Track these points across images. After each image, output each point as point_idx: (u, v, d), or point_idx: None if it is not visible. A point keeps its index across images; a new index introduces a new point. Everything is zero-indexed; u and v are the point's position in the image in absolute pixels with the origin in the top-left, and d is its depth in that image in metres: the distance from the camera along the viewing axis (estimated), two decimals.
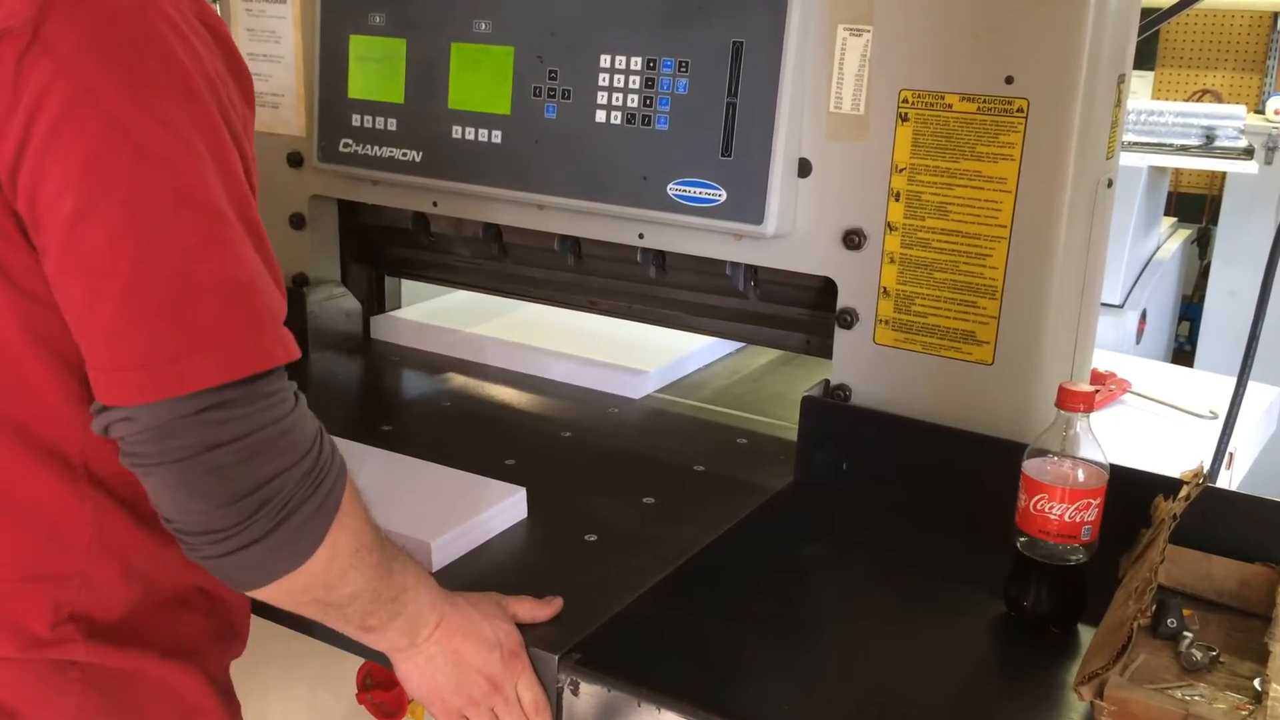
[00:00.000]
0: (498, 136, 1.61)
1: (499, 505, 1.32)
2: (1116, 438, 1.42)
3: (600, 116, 1.52)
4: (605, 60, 1.51)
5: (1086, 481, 1.11)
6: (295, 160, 1.84)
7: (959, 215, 1.36)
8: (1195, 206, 4.89)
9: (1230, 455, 1.67)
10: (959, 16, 1.32)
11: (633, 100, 1.50)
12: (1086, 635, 1.14)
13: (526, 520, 1.35)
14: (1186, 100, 4.91)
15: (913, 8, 1.34)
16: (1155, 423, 1.91)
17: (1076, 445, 1.11)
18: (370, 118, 1.71)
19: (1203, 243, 4.52)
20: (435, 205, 1.74)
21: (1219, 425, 1.43)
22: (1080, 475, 1.11)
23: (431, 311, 2.08)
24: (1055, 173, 1.30)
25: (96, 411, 0.87)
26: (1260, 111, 4.46)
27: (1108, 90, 1.34)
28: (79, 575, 0.95)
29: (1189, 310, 4.43)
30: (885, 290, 1.42)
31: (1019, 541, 1.15)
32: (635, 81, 1.50)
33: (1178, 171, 4.52)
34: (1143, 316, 3.41)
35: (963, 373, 1.39)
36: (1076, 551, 1.12)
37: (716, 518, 1.36)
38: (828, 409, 1.46)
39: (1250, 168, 3.65)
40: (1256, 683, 1.01)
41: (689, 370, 1.90)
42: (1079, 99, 1.28)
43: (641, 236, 1.57)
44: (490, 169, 1.62)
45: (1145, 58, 4.72)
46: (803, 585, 1.27)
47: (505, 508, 1.33)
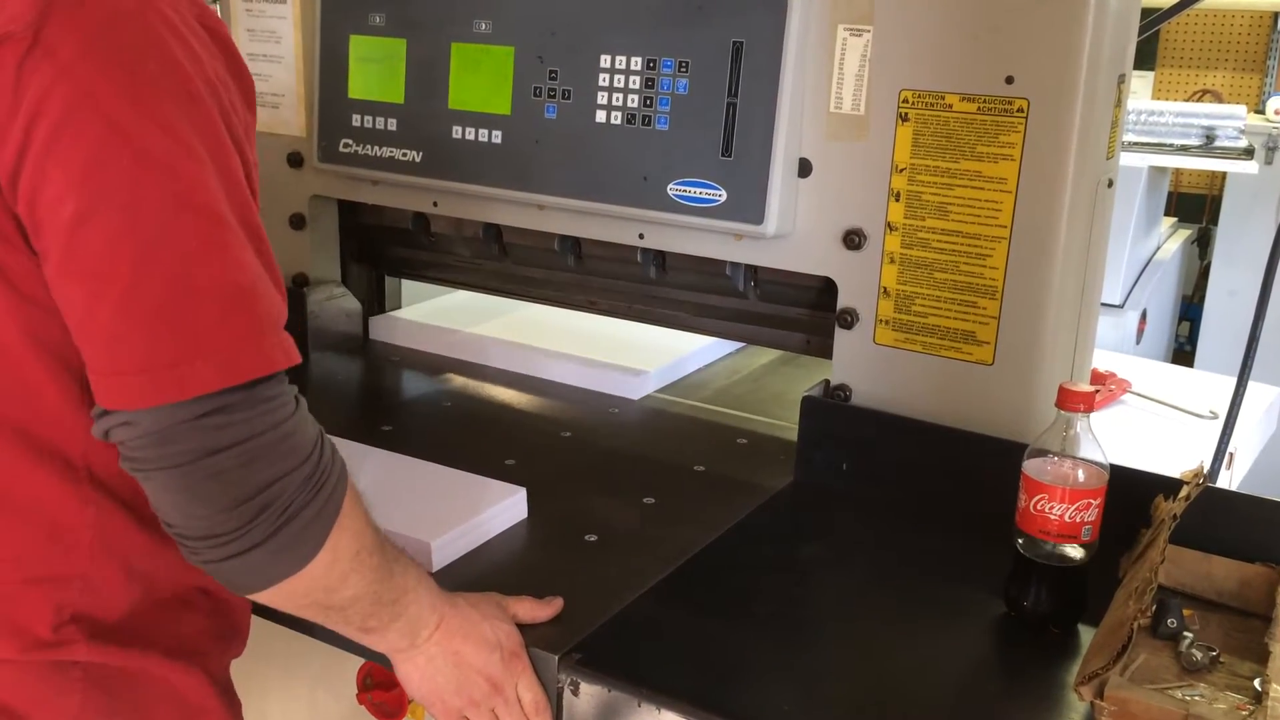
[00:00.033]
0: (498, 136, 1.61)
1: (499, 505, 1.32)
2: (1117, 438, 1.42)
3: (600, 116, 1.52)
4: (605, 60, 1.51)
5: (1087, 481, 1.11)
6: (295, 160, 1.84)
7: (959, 215, 1.36)
8: (1195, 206, 4.89)
9: (1230, 455, 1.67)
10: (959, 16, 1.32)
11: (633, 100, 1.50)
12: (1087, 635, 1.14)
13: (527, 520, 1.35)
14: (1187, 100, 4.91)
15: (913, 8, 1.34)
16: (1155, 423, 1.91)
17: (1077, 445, 1.11)
18: (370, 118, 1.71)
19: (1203, 243, 4.52)
20: (435, 205, 1.74)
21: (1219, 425, 1.43)
22: (1080, 475, 1.11)
23: (431, 312, 2.08)
24: (1055, 173, 1.30)
25: (97, 416, 0.87)
26: (1260, 111, 4.46)
27: (1108, 90, 1.34)
28: (81, 577, 0.95)
29: (1189, 310, 4.43)
30: (885, 290, 1.42)
31: (1019, 541, 1.15)
32: (635, 81, 1.50)
33: (1178, 171, 4.52)
34: (1143, 316, 3.40)
35: (963, 373, 1.39)
36: (1076, 551, 1.12)
37: (716, 518, 1.36)
38: (828, 409, 1.46)
39: (1250, 168, 3.65)
40: (1257, 683, 1.01)
41: (689, 370, 1.90)
42: (1079, 99, 1.28)
43: (642, 236, 1.57)
44: (490, 169, 1.62)
45: (1145, 58, 4.72)
46: (803, 585, 1.27)
47: (505, 508, 1.33)
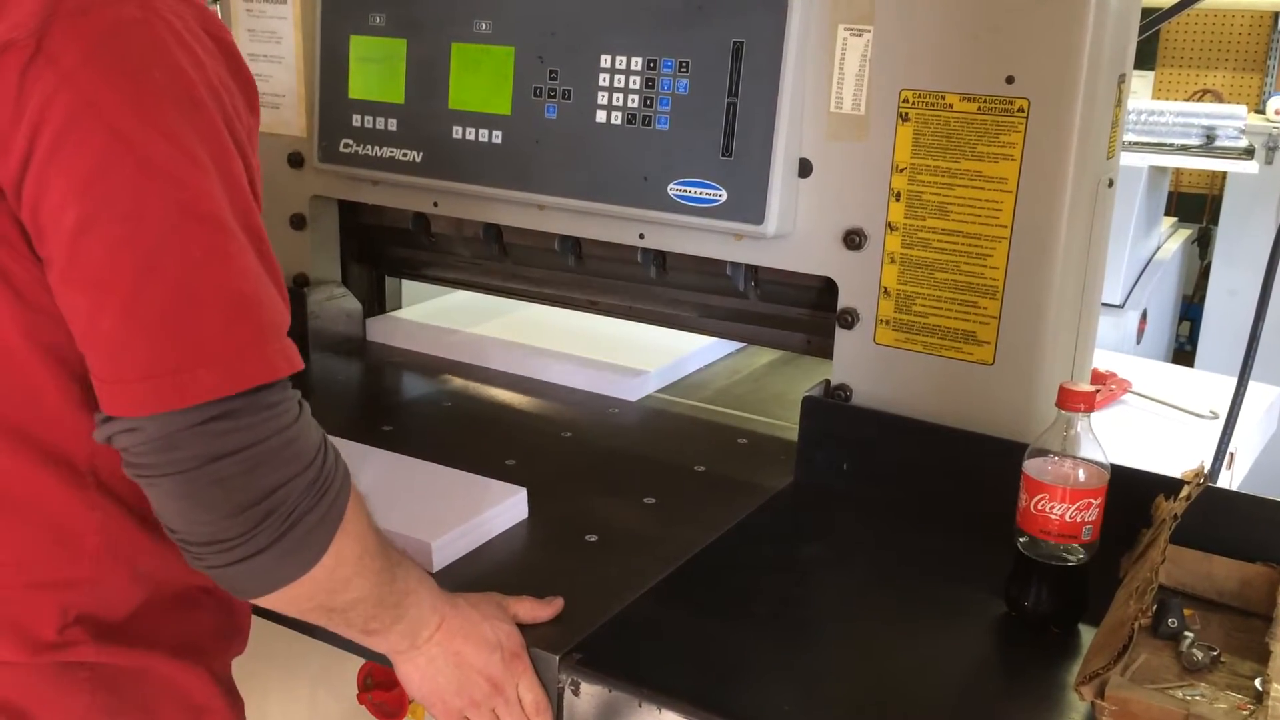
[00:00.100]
0: (498, 137, 1.61)
1: (499, 505, 1.32)
2: (1117, 438, 1.42)
3: (601, 117, 1.52)
4: (606, 60, 1.51)
5: (1087, 481, 1.11)
6: (296, 160, 1.84)
7: (959, 215, 1.36)
8: (1196, 206, 4.89)
9: (1231, 455, 1.66)
10: (959, 16, 1.32)
11: (633, 100, 1.50)
12: (1087, 635, 1.14)
13: (527, 520, 1.35)
14: (1187, 100, 4.91)
15: (913, 8, 1.34)
16: (1156, 423, 1.91)
17: (1077, 445, 1.11)
18: (371, 118, 1.71)
19: (1203, 243, 4.52)
20: (436, 205, 1.74)
21: (1220, 425, 1.43)
22: (1081, 475, 1.11)
23: (431, 312, 2.09)
24: (1056, 173, 1.30)
25: (100, 421, 0.87)
26: (1261, 111, 4.46)
27: (1108, 90, 1.34)
28: (87, 580, 0.95)
29: (1189, 310, 4.43)
30: (886, 290, 1.42)
31: (1020, 541, 1.15)
32: (636, 82, 1.50)
33: (1178, 171, 4.52)
34: (1143, 316, 3.41)
35: (963, 373, 1.39)
36: (1077, 551, 1.12)
37: (717, 518, 1.36)
38: (828, 409, 1.46)
39: (1251, 168, 3.65)
40: (1257, 683, 1.01)
41: (689, 370, 1.90)
42: (1079, 99, 1.28)
43: (642, 237, 1.57)
44: (491, 169, 1.62)
45: (1146, 58, 4.72)
46: (803, 585, 1.27)
47: (506, 508, 1.33)
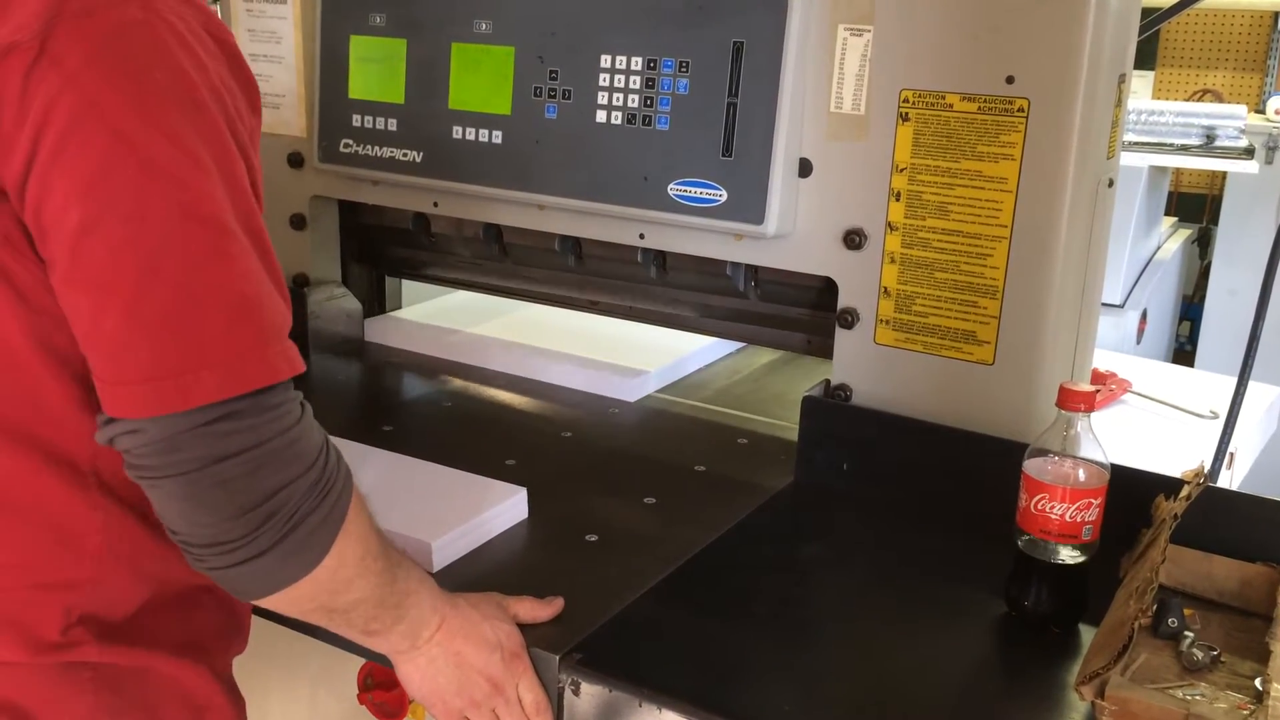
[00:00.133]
0: (498, 137, 1.61)
1: (500, 505, 1.32)
2: (1117, 437, 1.42)
3: (601, 117, 1.52)
4: (606, 60, 1.51)
5: (1087, 481, 1.11)
6: (296, 160, 1.84)
7: (960, 215, 1.36)
8: (1196, 206, 4.89)
9: (1231, 455, 1.66)
10: (959, 16, 1.32)
11: (633, 100, 1.50)
12: (1087, 635, 1.14)
13: (527, 520, 1.35)
14: (1187, 100, 4.91)
15: (913, 8, 1.34)
16: (1156, 423, 1.91)
17: (1077, 445, 1.11)
18: (371, 118, 1.71)
19: (1203, 242, 4.52)
20: (436, 205, 1.74)
21: (1220, 425, 1.43)
22: (1081, 475, 1.11)
23: (431, 312, 2.09)
24: (1056, 172, 1.30)
25: (102, 423, 0.87)
26: (1261, 111, 4.46)
27: (1108, 90, 1.34)
28: (90, 581, 0.95)
29: (1189, 310, 4.43)
30: (886, 290, 1.42)
31: (1020, 541, 1.15)
32: (636, 82, 1.50)
33: (1178, 171, 4.52)
34: (1143, 316, 3.41)
35: (963, 373, 1.39)
36: (1077, 551, 1.12)
37: (717, 518, 1.36)
38: (828, 409, 1.46)
39: (1251, 167, 3.65)
40: (1257, 682, 1.01)
41: (689, 370, 1.90)
42: (1079, 99, 1.28)
43: (642, 237, 1.57)
44: (491, 169, 1.62)
45: (1145, 58, 4.72)
46: (803, 585, 1.27)
47: (506, 508, 1.33)
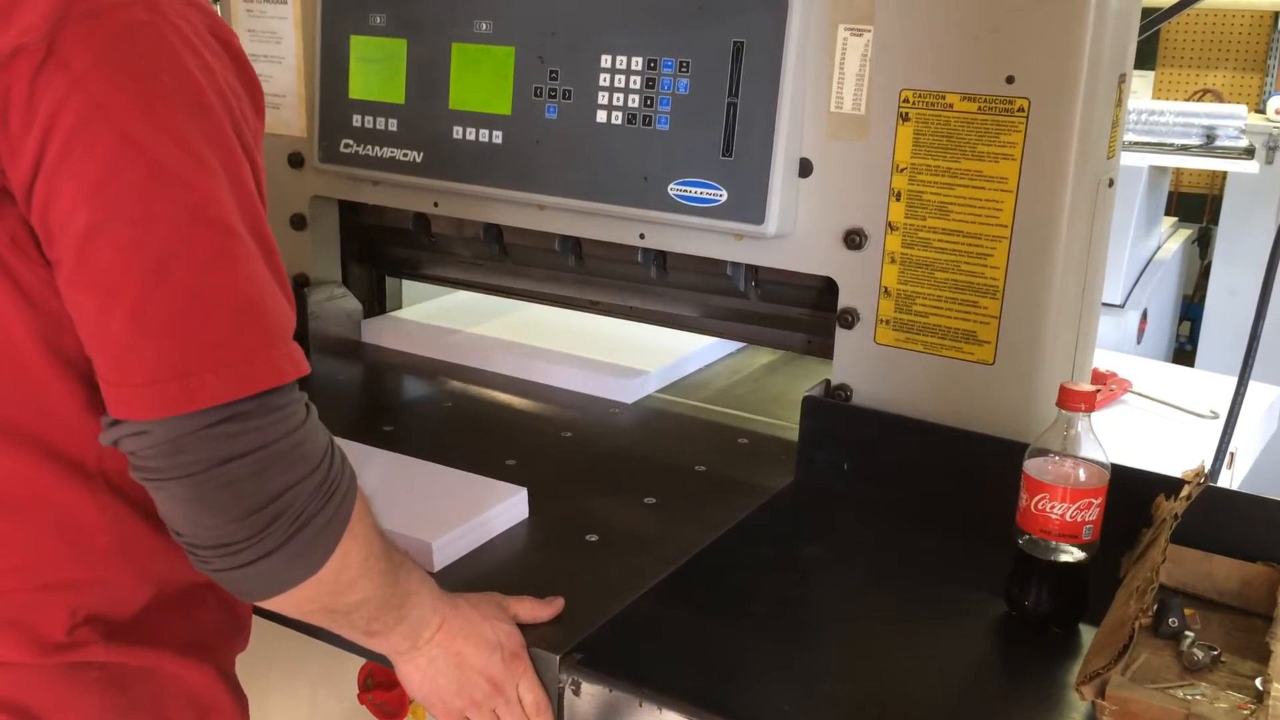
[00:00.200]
0: (498, 137, 1.61)
1: (500, 505, 1.32)
2: (1117, 437, 1.42)
3: (601, 117, 1.52)
4: (606, 60, 1.51)
5: (1088, 481, 1.11)
6: (296, 161, 1.84)
7: (960, 215, 1.36)
8: (1196, 206, 4.89)
9: (1231, 455, 1.66)
10: (959, 16, 1.32)
11: (633, 100, 1.50)
12: (1088, 635, 1.14)
13: (527, 520, 1.35)
14: (1187, 100, 4.91)
15: (913, 8, 1.34)
16: (1156, 422, 1.91)
17: (1078, 445, 1.11)
18: (371, 118, 1.71)
19: (1203, 242, 4.52)
20: (436, 206, 1.74)
21: (1220, 425, 1.43)
22: (1081, 475, 1.11)
23: (431, 312, 2.09)
24: (1056, 172, 1.30)
25: (107, 425, 0.87)
26: (1261, 111, 4.46)
27: (1108, 90, 1.34)
28: (97, 580, 0.95)
29: (1190, 310, 4.43)
30: (886, 290, 1.42)
31: (1020, 541, 1.15)
32: (636, 82, 1.50)
33: (1178, 171, 4.52)
34: (1143, 316, 3.41)
35: (964, 372, 1.39)
36: (1078, 551, 1.12)
37: (717, 518, 1.36)
38: (829, 409, 1.46)
39: (1251, 167, 3.65)
40: (1258, 682, 1.01)
41: (690, 370, 1.90)
42: (1080, 99, 1.28)
43: (642, 237, 1.57)
44: (491, 169, 1.62)
45: (1146, 57, 4.72)
46: (803, 585, 1.27)
47: (506, 508, 1.33)
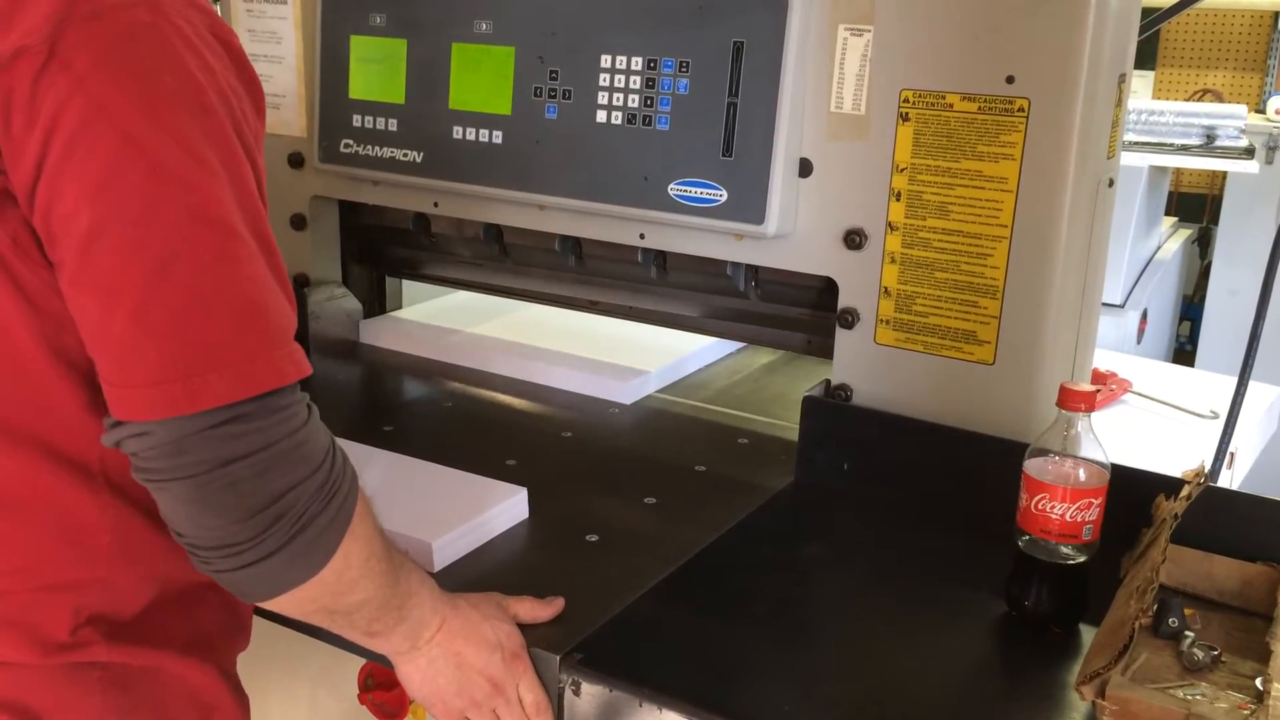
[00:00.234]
0: (498, 137, 1.61)
1: (500, 505, 1.32)
2: (1117, 437, 1.42)
3: (601, 117, 1.52)
4: (606, 60, 1.51)
5: (1088, 481, 1.11)
6: (296, 161, 1.84)
7: (960, 215, 1.36)
8: (1196, 206, 4.89)
9: (1231, 455, 1.66)
10: (959, 16, 1.32)
11: (633, 100, 1.50)
12: (1088, 635, 1.14)
13: (528, 520, 1.35)
14: (1187, 100, 4.91)
15: (913, 8, 1.34)
16: (1156, 422, 1.91)
17: (1078, 445, 1.11)
18: (371, 118, 1.71)
19: (1203, 242, 4.52)
20: (436, 206, 1.74)
21: (1220, 425, 1.43)
22: (1081, 475, 1.11)
23: (431, 312, 2.09)
24: (1056, 172, 1.30)
25: (109, 426, 0.87)
26: (1261, 111, 4.46)
27: (1108, 90, 1.34)
28: (99, 580, 0.95)
29: (1190, 310, 4.43)
30: (886, 290, 1.42)
31: (1020, 541, 1.15)
32: (636, 82, 1.50)
33: (1178, 171, 4.52)
34: (1143, 316, 3.41)
35: (964, 372, 1.39)
36: (1078, 551, 1.12)
37: (717, 518, 1.36)
38: (829, 409, 1.46)
39: (1251, 167, 3.65)
40: (1258, 682, 1.01)
41: (690, 370, 1.90)
42: (1080, 99, 1.28)
43: (642, 237, 1.57)
44: (491, 169, 1.62)
45: (1146, 57, 4.72)
46: (803, 585, 1.27)
47: (506, 508, 1.33)
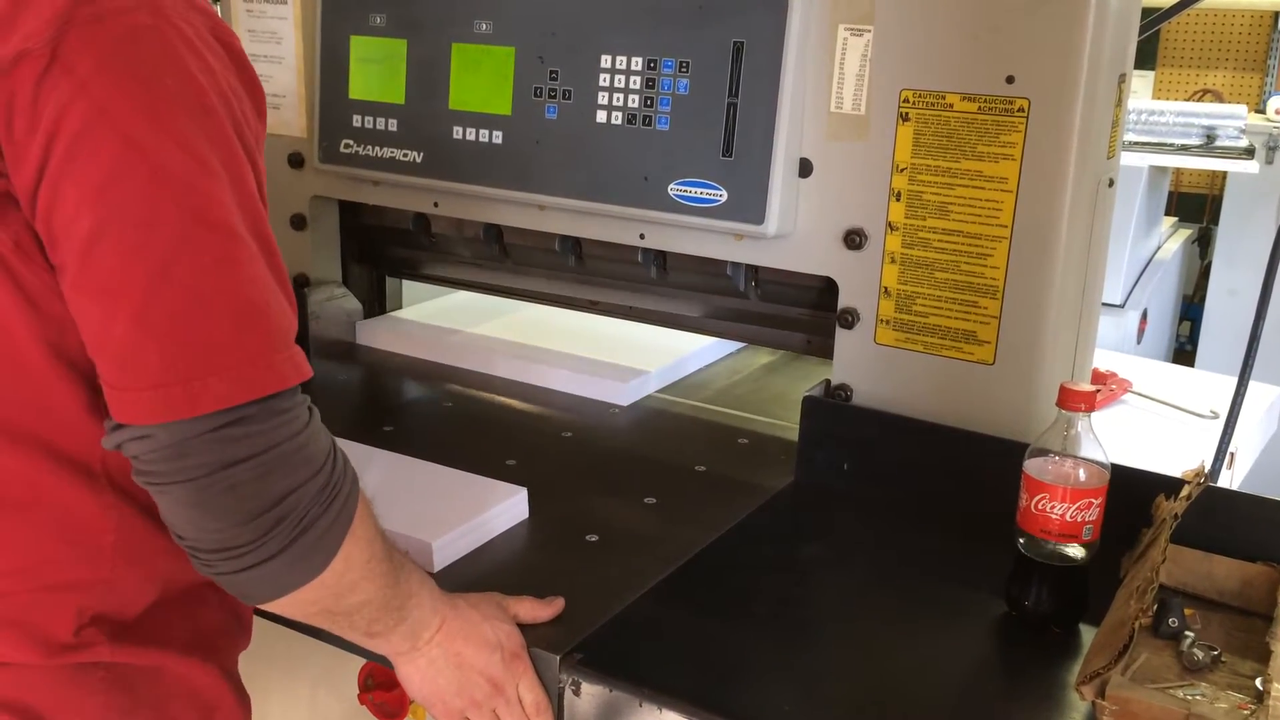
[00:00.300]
0: (498, 137, 1.61)
1: (500, 505, 1.32)
2: (1117, 437, 1.42)
3: (601, 117, 1.52)
4: (606, 60, 1.51)
5: (1088, 481, 1.11)
6: (296, 161, 1.84)
7: (960, 215, 1.36)
8: (1196, 206, 4.89)
9: (1231, 455, 1.66)
10: (959, 16, 1.32)
11: (633, 100, 1.50)
12: (1088, 635, 1.14)
13: (528, 520, 1.35)
14: (1187, 100, 4.91)
15: (913, 8, 1.34)
16: (1156, 422, 1.91)
17: (1078, 445, 1.11)
18: (371, 118, 1.71)
19: (1203, 242, 4.52)
20: (436, 206, 1.74)
21: (1220, 425, 1.43)
22: (1081, 475, 1.11)
23: (431, 312, 2.08)
24: (1056, 172, 1.30)
25: (110, 429, 0.87)
26: (1261, 111, 4.46)
27: (1108, 90, 1.34)
28: (103, 581, 0.95)
29: (1190, 310, 4.43)
30: (886, 290, 1.42)
31: (1020, 541, 1.15)
32: (636, 82, 1.50)
33: (1178, 171, 4.52)
34: (1144, 316, 3.41)
35: (964, 372, 1.39)
36: (1078, 551, 1.12)
37: (717, 518, 1.36)
38: (829, 409, 1.46)
39: (1251, 167, 3.65)
40: (1258, 682, 1.01)
41: (690, 370, 1.90)
42: (1080, 99, 1.28)
43: (642, 237, 1.57)
44: (491, 169, 1.62)
45: (1146, 57, 4.72)
46: (803, 585, 1.27)
47: (506, 508, 1.33)
